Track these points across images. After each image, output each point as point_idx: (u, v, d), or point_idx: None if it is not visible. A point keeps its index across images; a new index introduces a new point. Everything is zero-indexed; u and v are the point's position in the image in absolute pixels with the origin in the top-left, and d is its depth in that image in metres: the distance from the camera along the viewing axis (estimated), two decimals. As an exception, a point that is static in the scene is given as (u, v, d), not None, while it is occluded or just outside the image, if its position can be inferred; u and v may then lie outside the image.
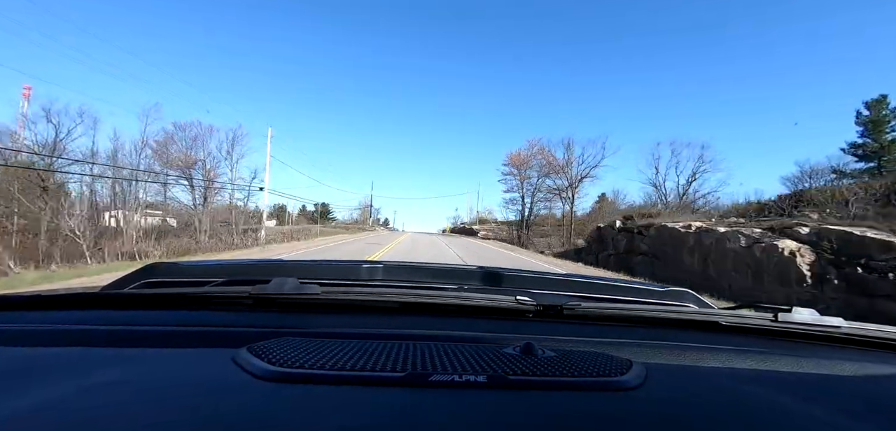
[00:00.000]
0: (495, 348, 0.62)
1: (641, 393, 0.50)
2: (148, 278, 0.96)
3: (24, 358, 0.56)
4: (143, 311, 0.80)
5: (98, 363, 0.53)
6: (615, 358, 0.60)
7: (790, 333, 0.83)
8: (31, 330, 0.68)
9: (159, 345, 0.62)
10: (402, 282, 1.08)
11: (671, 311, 0.92)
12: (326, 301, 0.80)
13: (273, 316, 0.80)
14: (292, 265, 1.27)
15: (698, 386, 0.57)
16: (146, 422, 0.39)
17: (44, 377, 0.49)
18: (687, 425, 0.45)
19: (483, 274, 1.20)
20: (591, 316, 0.84)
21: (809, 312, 0.85)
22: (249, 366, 0.50)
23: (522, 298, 0.82)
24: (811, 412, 0.51)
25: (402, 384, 0.49)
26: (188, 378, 0.50)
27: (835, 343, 0.83)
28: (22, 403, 0.41)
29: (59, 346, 0.60)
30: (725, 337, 0.82)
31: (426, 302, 0.83)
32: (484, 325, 0.80)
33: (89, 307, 0.80)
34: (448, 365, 0.53)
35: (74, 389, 0.45)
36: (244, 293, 0.81)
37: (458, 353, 0.59)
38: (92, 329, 0.68)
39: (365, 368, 0.51)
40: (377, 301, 0.84)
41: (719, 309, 1.00)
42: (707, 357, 0.71)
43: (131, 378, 0.49)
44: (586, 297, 1.01)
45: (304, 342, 0.59)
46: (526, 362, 0.56)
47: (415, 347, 0.60)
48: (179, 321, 0.74)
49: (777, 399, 0.54)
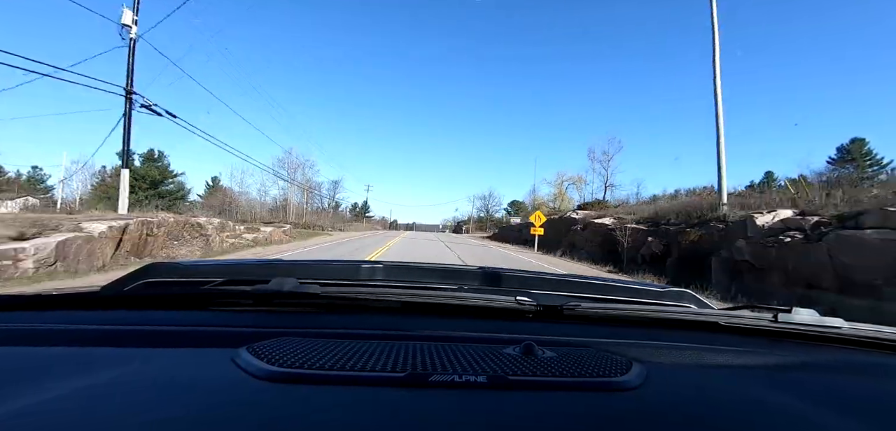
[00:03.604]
0: (495, 348, 0.62)
1: (641, 394, 0.50)
2: (148, 278, 0.96)
3: (25, 358, 0.56)
4: (143, 311, 0.80)
5: (98, 363, 0.53)
6: (615, 359, 0.60)
7: (790, 334, 0.83)
8: (31, 329, 0.68)
9: (159, 345, 0.62)
10: (401, 282, 1.08)
11: (671, 311, 0.92)
12: (327, 300, 0.80)
13: (273, 317, 0.80)
14: (292, 265, 1.26)
15: (698, 387, 0.57)
16: (146, 422, 0.38)
17: (44, 377, 0.49)
18: (687, 425, 0.45)
19: (483, 274, 1.20)
20: (591, 317, 0.84)
21: (809, 313, 0.84)
22: (249, 366, 0.50)
23: (522, 298, 0.82)
24: (811, 412, 0.51)
25: (402, 384, 0.49)
26: (188, 379, 0.50)
27: (835, 343, 0.83)
28: (22, 403, 0.41)
29: (59, 346, 0.60)
30: (725, 337, 0.82)
31: (426, 302, 0.83)
32: (484, 325, 0.80)
33: (89, 307, 0.80)
34: (448, 366, 0.53)
35: (74, 389, 0.45)
36: (244, 293, 0.80)
37: (459, 353, 0.59)
38: (92, 329, 0.68)
39: (365, 368, 0.51)
40: (377, 300, 0.84)
41: (719, 310, 1.00)
42: (707, 357, 0.70)
43: (131, 378, 0.49)
44: (586, 298, 1.00)
45: (303, 342, 0.59)
46: (526, 362, 0.56)
47: (415, 347, 0.60)
48: (179, 321, 0.73)
49: (777, 399, 0.54)
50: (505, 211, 66.31)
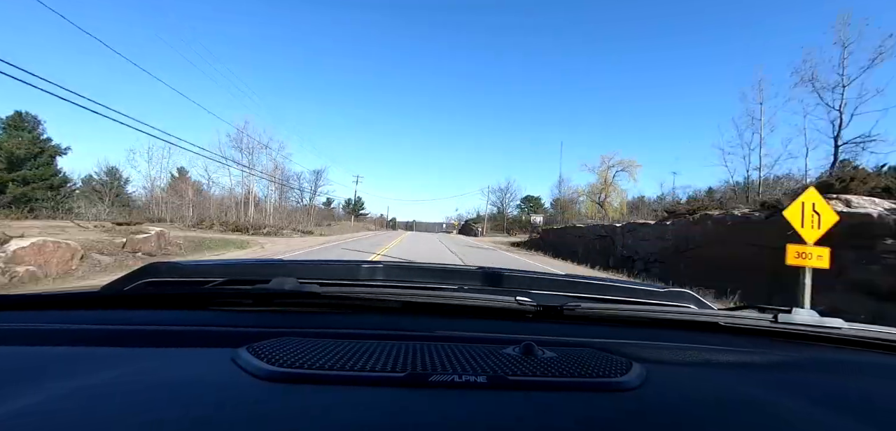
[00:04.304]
0: (495, 348, 0.62)
1: (641, 394, 0.50)
2: (148, 277, 0.96)
3: (25, 358, 0.56)
4: (143, 311, 0.80)
5: (98, 363, 0.53)
6: (615, 359, 0.60)
7: (790, 334, 0.83)
8: (31, 329, 0.68)
9: (159, 345, 0.62)
10: (401, 282, 1.08)
11: (671, 312, 0.92)
12: (327, 300, 0.80)
13: (273, 317, 0.80)
14: (292, 265, 1.26)
15: (698, 387, 0.57)
16: (146, 422, 0.38)
17: (44, 377, 0.49)
18: (687, 426, 0.45)
19: (483, 274, 1.20)
20: (591, 317, 0.84)
21: (809, 313, 0.85)
22: (249, 366, 0.50)
23: (522, 298, 0.82)
24: (811, 413, 0.51)
25: (402, 384, 0.49)
26: (188, 378, 0.50)
27: (834, 344, 0.83)
28: (22, 403, 0.41)
29: (59, 346, 0.60)
30: (725, 337, 0.82)
31: (426, 302, 0.83)
32: (484, 325, 0.80)
33: (89, 307, 0.80)
34: (448, 366, 0.53)
35: (74, 389, 0.45)
36: (244, 292, 0.81)
37: (459, 353, 0.59)
38: (92, 328, 0.68)
39: (365, 368, 0.51)
40: (377, 300, 0.84)
41: (719, 310, 1.00)
42: (707, 357, 0.71)
43: (131, 378, 0.49)
44: (586, 298, 1.00)
45: (303, 342, 0.59)
46: (526, 362, 0.56)
47: (415, 347, 0.60)
48: (179, 320, 0.73)
49: (777, 400, 0.54)
50: (519, 207, 58.68)
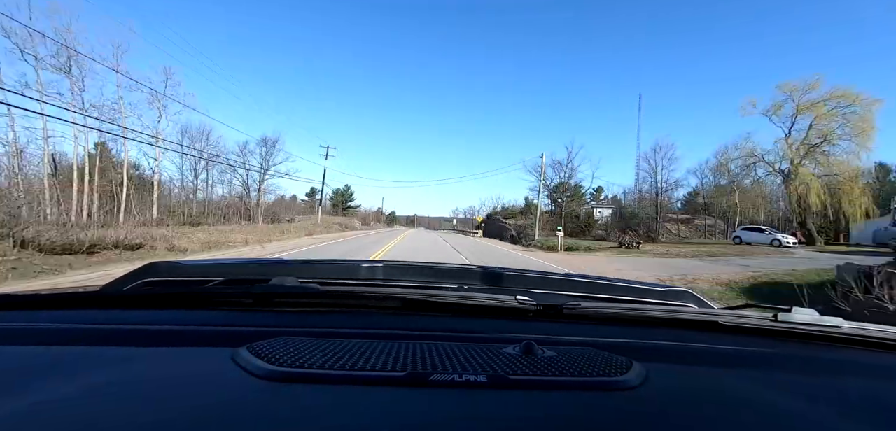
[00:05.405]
0: (496, 347, 0.62)
1: (641, 393, 0.50)
2: (148, 277, 0.96)
3: (24, 358, 0.56)
4: (143, 311, 0.80)
5: (98, 362, 0.53)
6: (615, 358, 0.60)
7: (790, 333, 0.83)
8: (31, 329, 0.68)
9: (159, 345, 0.62)
10: (401, 282, 1.08)
11: (671, 311, 0.92)
12: (327, 300, 0.80)
13: (273, 316, 0.80)
14: (292, 264, 1.27)
15: (698, 386, 0.57)
16: (146, 422, 0.39)
17: (44, 376, 0.49)
18: (687, 425, 0.45)
19: (483, 273, 1.20)
20: (592, 316, 0.84)
21: (809, 312, 0.85)
22: (249, 366, 0.50)
23: (523, 298, 0.82)
24: (811, 412, 0.51)
25: (402, 383, 0.49)
26: (188, 378, 0.50)
27: (834, 343, 0.83)
28: (22, 403, 0.41)
29: (59, 346, 0.60)
30: (725, 337, 0.82)
31: (427, 301, 0.83)
32: (484, 325, 0.80)
33: (89, 306, 0.80)
34: (448, 365, 0.53)
35: (74, 389, 0.45)
36: (245, 292, 0.81)
37: (459, 353, 0.59)
38: (92, 328, 0.68)
39: (365, 367, 0.51)
40: (378, 297, 0.84)
41: (719, 309, 1.00)
42: (707, 356, 0.71)
43: (131, 378, 0.49)
44: (586, 297, 1.01)
45: (304, 341, 0.59)
46: (526, 362, 0.56)
47: (415, 346, 0.60)
48: (179, 320, 0.73)
49: (777, 399, 0.54)
50: (590, 193, 38.96)
